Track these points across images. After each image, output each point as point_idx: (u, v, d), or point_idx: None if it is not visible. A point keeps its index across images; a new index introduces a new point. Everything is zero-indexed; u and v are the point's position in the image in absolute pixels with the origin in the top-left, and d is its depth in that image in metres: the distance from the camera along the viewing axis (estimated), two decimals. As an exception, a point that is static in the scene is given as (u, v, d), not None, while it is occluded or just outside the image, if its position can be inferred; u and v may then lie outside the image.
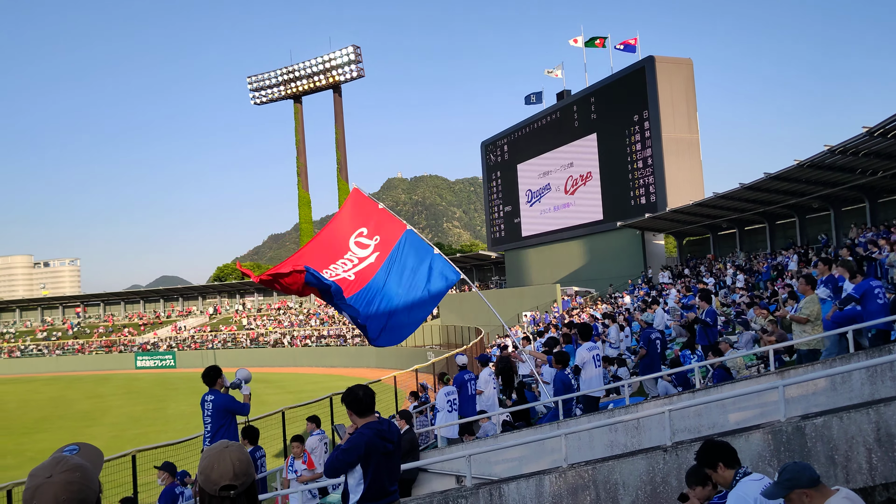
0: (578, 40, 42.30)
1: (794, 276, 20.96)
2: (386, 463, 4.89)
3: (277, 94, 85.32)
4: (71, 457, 2.12)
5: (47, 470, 2.04)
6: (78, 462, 2.10)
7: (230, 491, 2.37)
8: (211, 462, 2.38)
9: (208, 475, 2.36)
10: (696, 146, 36.64)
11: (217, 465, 2.37)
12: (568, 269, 43.69)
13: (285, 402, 24.12)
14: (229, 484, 2.36)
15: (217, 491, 2.35)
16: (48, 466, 2.05)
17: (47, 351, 69.95)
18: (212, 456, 2.40)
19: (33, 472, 2.06)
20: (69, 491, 2.01)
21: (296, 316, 67.61)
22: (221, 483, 2.36)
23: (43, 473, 2.03)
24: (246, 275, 11.18)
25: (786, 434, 6.07)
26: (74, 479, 2.04)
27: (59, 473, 2.03)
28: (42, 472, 2.04)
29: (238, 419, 8.88)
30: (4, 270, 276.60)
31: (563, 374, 10.73)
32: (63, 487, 2.01)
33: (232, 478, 2.36)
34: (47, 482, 2.01)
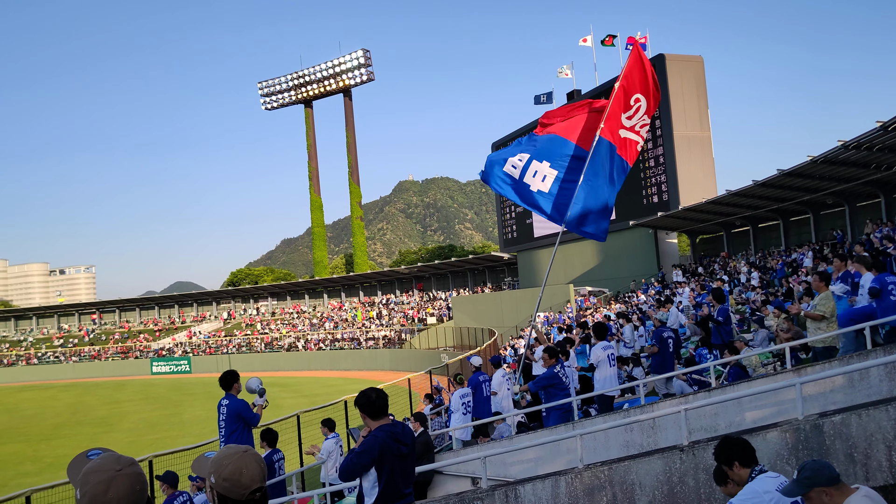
0: (588, 40, 42.22)
1: (809, 272, 20.82)
2: (400, 465, 4.88)
3: (288, 98, 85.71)
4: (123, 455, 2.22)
5: (112, 464, 2.11)
6: (132, 459, 2.19)
7: (258, 493, 2.37)
8: (238, 467, 2.34)
9: (237, 480, 2.33)
10: (708, 143, 36.45)
11: (245, 469, 2.35)
12: (581, 268, 43.58)
13: (300, 405, 24.18)
14: (260, 486, 2.37)
15: (246, 495, 2.34)
16: (111, 461, 2.13)
17: (64, 358, 70.47)
18: (236, 460, 2.36)
19: (96, 468, 2.11)
20: (140, 482, 2.11)
21: (309, 320, 67.80)
22: (253, 487, 2.35)
23: (111, 467, 2.10)
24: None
25: (804, 432, 6.02)
26: (139, 472, 2.15)
27: (126, 467, 2.12)
28: (107, 466, 2.10)
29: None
30: (21, 278, 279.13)
31: (551, 370, 10.59)
32: (136, 478, 2.11)
33: (260, 480, 2.37)
34: (120, 474, 2.08)
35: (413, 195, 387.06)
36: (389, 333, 57.33)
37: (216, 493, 2.36)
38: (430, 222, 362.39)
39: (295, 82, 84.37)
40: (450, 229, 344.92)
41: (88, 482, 2.06)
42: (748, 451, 4.31)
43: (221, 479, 2.34)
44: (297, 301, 75.47)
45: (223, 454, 2.40)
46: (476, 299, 52.98)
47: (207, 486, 2.40)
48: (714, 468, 4.66)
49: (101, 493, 2.04)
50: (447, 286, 64.83)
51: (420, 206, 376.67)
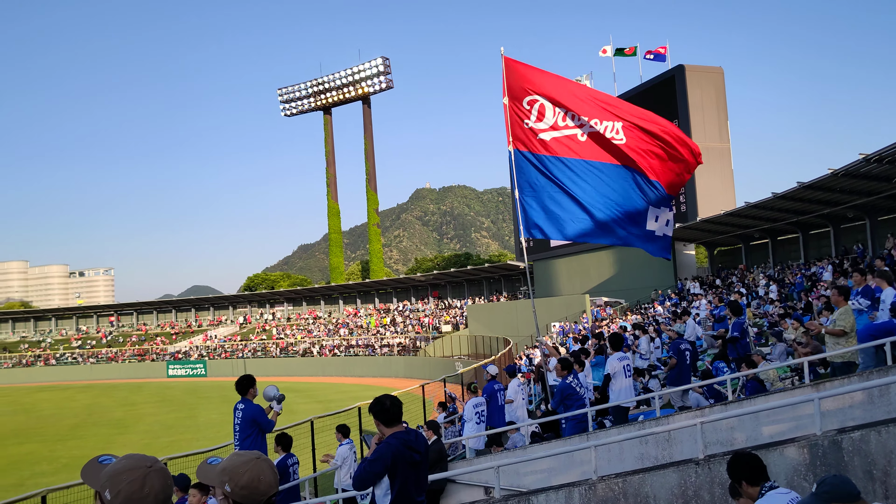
0: (608, 50, 42.17)
1: (828, 286, 20.60)
2: (413, 473, 4.88)
3: (307, 105, 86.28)
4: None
5: (143, 462, 2.17)
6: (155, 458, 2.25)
7: (273, 498, 2.42)
8: (255, 474, 2.38)
9: (256, 487, 2.36)
10: (727, 155, 36.26)
11: (262, 475, 2.38)
12: (597, 279, 43.43)
13: (314, 411, 24.23)
14: (275, 492, 2.42)
15: (263, 501, 2.38)
16: (139, 460, 2.18)
17: (82, 359, 71.08)
18: (252, 468, 2.39)
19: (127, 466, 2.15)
20: (169, 477, 2.18)
21: (325, 325, 67.97)
22: (270, 493, 2.40)
23: (142, 464, 2.15)
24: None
25: (822, 448, 5.95)
26: (166, 468, 2.21)
27: (154, 464, 2.18)
28: (139, 464, 2.15)
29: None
30: (41, 280, 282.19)
31: (564, 381, 10.54)
32: (166, 474, 2.18)
33: (276, 486, 2.42)
34: (151, 471, 2.14)
35: (430, 203, 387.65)
36: (404, 341, 57.36)
37: (232, 502, 2.38)
38: (446, 230, 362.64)
39: (314, 89, 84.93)
40: (466, 237, 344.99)
41: (122, 480, 2.10)
42: (755, 470, 4.26)
43: (239, 488, 2.36)
44: (312, 307, 75.70)
45: (237, 462, 2.42)
46: (491, 308, 52.91)
47: (220, 494, 2.40)
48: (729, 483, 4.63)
49: (138, 489, 2.09)
50: (463, 294, 64.80)
51: (437, 213, 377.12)
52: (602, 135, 9.58)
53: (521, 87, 9.90)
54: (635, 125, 9.53)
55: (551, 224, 9.79)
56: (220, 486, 2.40)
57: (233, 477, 2.37)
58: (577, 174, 9.70)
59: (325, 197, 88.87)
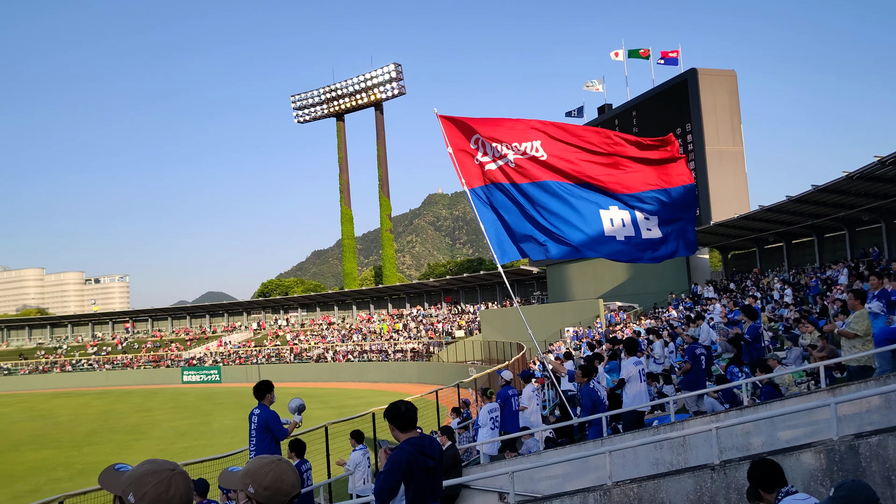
0: (619, 54, 42.13)
1: (844, 290, 20.44)
2: (427, 479, 4.87)
3: (320, 112, 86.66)
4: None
5: (165, 465, 2.22)
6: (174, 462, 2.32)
7: (295, 499, 2.48)
8: (278, 475, 2.43)
9: (279, 487, 2.42)
10: (740, 158, 36.09)
11: (285, 476, 2.44)
12: (611, 283, 43.29)
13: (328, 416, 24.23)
14: (297, 493, 2.48)
15: (286, 502, 2.44)
16: (161, 464, 2.23)
17: (97, 365, 71.55)
18: (274, 469, 2.45)
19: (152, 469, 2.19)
20: (191, 481, 2.23)
21: (338, 331, 68.11)
22: (293, 493, 2.45)
23: (166, 468, 2.20)
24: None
25: (839, 453, 5.91)
26: (186, 473, 2.25)
27: (178, 467, 2.23)
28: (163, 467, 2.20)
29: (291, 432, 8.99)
30: (57, 287, 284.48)
31: (588, 387, 10.51)
32: (188, 478, 2.23)
33: (298, 487, 2.48)
34: (175, 474, 2.20)
35: (442, 208, 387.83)
36: (417, 346, 57.36)
37: (256, 503, 2.43)
38: (459, 235, 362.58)
39: (327, 96, 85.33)
40: (479, 242, 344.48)
41: (147, 483, 2.15)
42: (770, 477, 4.23)
43: (263, 489, 2.41)
44: (326, 312, 75.88)
45: (258, 464, 2.48)
46: (504, 313, 52.84)
47: (243, 497, 2.45)
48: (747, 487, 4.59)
49: (164, 491, 2.14)
50: (476, 299, 64.77)
51: (449, 219, 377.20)
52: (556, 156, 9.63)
53: (464, 134, 9.88)
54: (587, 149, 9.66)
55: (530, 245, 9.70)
56: (243, 489, 2.45)
57: (256, 479, 2.43)
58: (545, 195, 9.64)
59: (339, 203, 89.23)
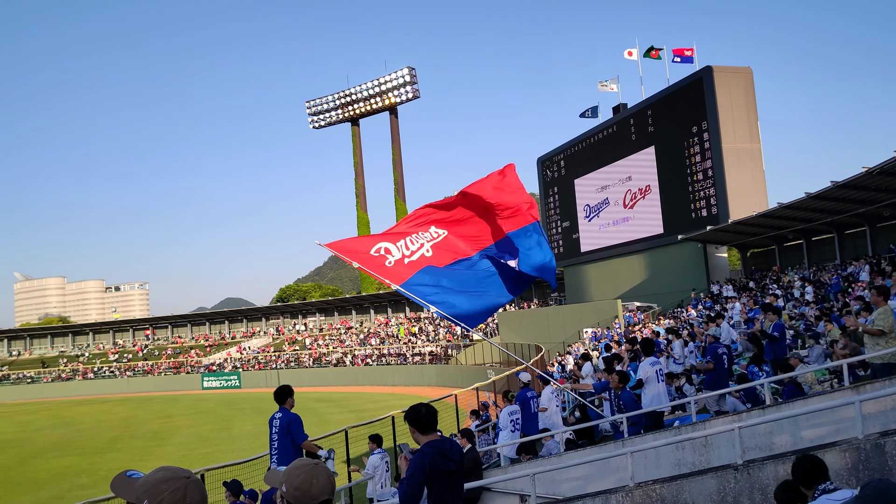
0: (633, 53, 41.97)
1: (866, 287, 20.20)
2: (449, 482, 4.86)
3: (335, 117, 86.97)
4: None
5: (181, 472, 2.25)
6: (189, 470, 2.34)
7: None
8: (309, 477, 2.46)
9: (307, 490, 2.44)
10: (758, 155, 35.79)
11: (315, 480, 2.46)
12: (629, 284, 43.07)
13: (348, 420, 24.34)
14: (328, 498, 2.49)
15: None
16: (177, 471, 2.25)
17: (118, 372, 72.16)
18: (307, 471, 2.48)
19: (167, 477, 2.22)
20: (204, 489, 2.25)
21: (357, 335, 68.25)
22: (322, 498, 2.47)
23: (181, 475, 2.23)
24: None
25: (864, 452, 5.84)
26: (200, 481, 2.27)
27: (192, 475, 2.26)
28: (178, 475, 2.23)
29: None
30: (78, 295, 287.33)
31: (627, 392, 10.50)
32: (202, 485, 2.25)
33: (329, 492, 2.49)
34: (190, 482, 2.22)
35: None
36: (436, 349, 57.36)
37: (286, 502, 2.47)
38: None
39: (342, 101, 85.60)
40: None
41: (163, 490, 2.16)
42: (807, 473, 4.18)
43: (293, 489, 2.45)
44: (344, 317, 76.07)
45: (296, 465, 2.53)
46: (522, 315, 52.73)
47: (278, 496, 2.50)
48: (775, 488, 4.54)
49: (180, 499, 2.16)
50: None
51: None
52: (447, 238, 9.94)
53: (360, 248, 10.08)
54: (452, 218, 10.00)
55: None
56: (278, 487, 2.51)
57: (289, 479, 2.47)
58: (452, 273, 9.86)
59: (355, 207, 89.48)
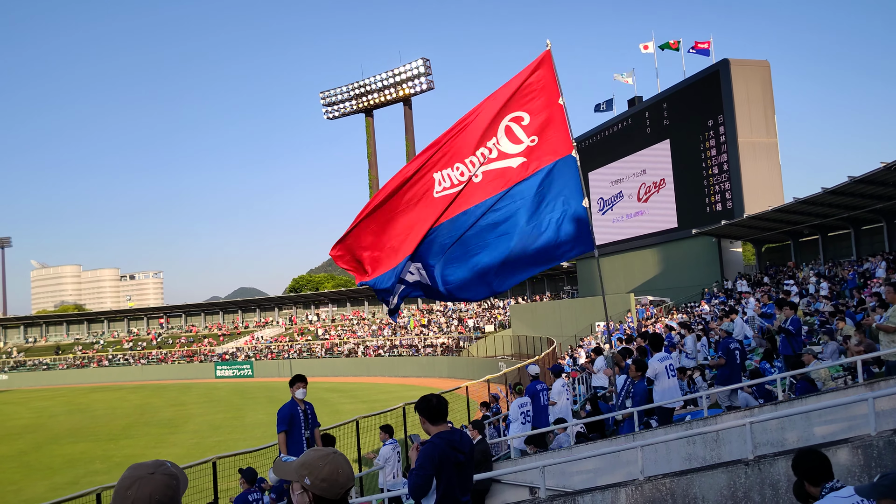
0: (650, 46, 41.66)
1: (882, 283, 20.02)
2: (458, 474, 4.87)
3: (349, 108, 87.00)
4: (172, 464, 2.29)
5: (150, 468, 2.20)
6: (176, 472, 2.27)
7: (350, 491, 2.48)
8: (335, 467, 2.43)
9: (335, 480, 2.41)
10: (774, 150, 35.50)
11: (341, 469, 2.44)
12: (642, 278, 42.91)
13: (359, 411, 24.40)
14: (352, 485, 2.48)
15: (342, 494, 2.44)
16: (151, 465, 2.22)
17: (133, 360, 72.78)
18: (331, 461, 2.44)
19: (136, 465, 2.22)
20: (164, 492, 2.17)
21: (369, 326, 68.44)
22: (348, 486, 2.45)
23: (146, 470, 2.19)
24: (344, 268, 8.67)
25: (877, 449, 5.79)
26: (171, 483, 2.20)
27: (160, 474, 2.19)
28: (145, 468, 2.20)
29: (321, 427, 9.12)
30: (94, 283, 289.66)
31: (642, 383, 10.44)
32: (161, 486, 2.17)
33: (352, 480, 2.47)
34: (149, 477, 2.17)
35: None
36: (447, 341, 57.44)
37: (312, 494, 2.42)
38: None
39: (356, 92, 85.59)
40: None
41: (126, 476, 2.17)
42: (815, 470, 4.14)
43: (319, 480, 2.41)
44: (356, 307, 76.29)
45: (315, 456, 2.47)
46: (535, 308, 52.69)
47: (298, 488, 2.44)
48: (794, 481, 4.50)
49: (123, 489, 2.14)
50: (505, 294, 64.64)
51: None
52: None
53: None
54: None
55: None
56: (299, 481, 2.45)
57: (312, 471, 2.42)
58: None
59: (368, 198, 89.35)
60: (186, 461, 12.93)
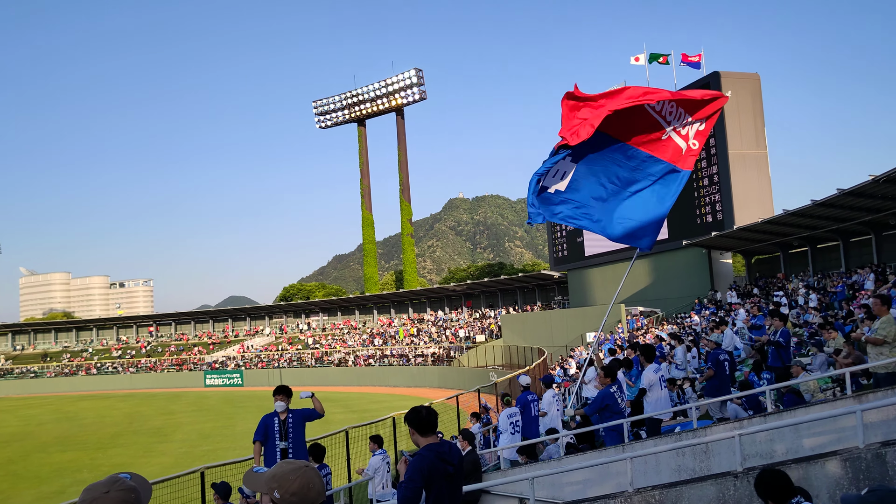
0: (640, 58, 41.87)
1: (870, 295, 20.14)
2: (448, 485, 4.86)
3: (342, 117, 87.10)
4: (128, 479, 2.26)
5: (105, 486, 2.18)
6: (133, 486, 2.23)
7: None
8: (305, 481, 2.38)
9: (306, 494, 2.37)
10: (764, 162, 35.75)
11: (312, 483, 2.39)
12: (633, 288, 43.01)
13: (349, 420, 24.31)
14: (323, 500, 2.43)
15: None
16: (106, 483, 2.19)
17: (122, 368, 72.34)
18: (301, 475, 2.39)
19: (90, 486, 2.20)
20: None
21: (359, 335, 68.29)
22: (318, 501, 2.40)
23: (100, 489, 2.17)
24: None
25: (865, 461, 5.82)
26: (129, 498, 2.18)
27: (115, 491, 2.16)
28: (100, 487, 2.18)
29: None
30: (83, 291, 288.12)
31: (607, 389, 10.39)
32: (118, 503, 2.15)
33: (324, 494, 2.43)
34: (104, 496, 2.14)
35: (463, 212, 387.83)
36: (438, 351, 57.37)
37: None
38: (479, 240, 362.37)
39: (348, 101, 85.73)
40: (499, 247, 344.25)
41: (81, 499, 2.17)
42: (778, 490, 4.16)
43: (289, 494, 2.36)
44: (347, 317, 76.13)
45: (286, 469, 2.42)
46: (525, 318, 52.71)
47: (268, 501, 2.40)
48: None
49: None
50: (496, 304, 64.66)
51: (470, 223, 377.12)
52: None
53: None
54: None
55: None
56: (268, 493, 2.39)
57: (282, 484, 2.36)
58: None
59: (360, 208, 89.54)
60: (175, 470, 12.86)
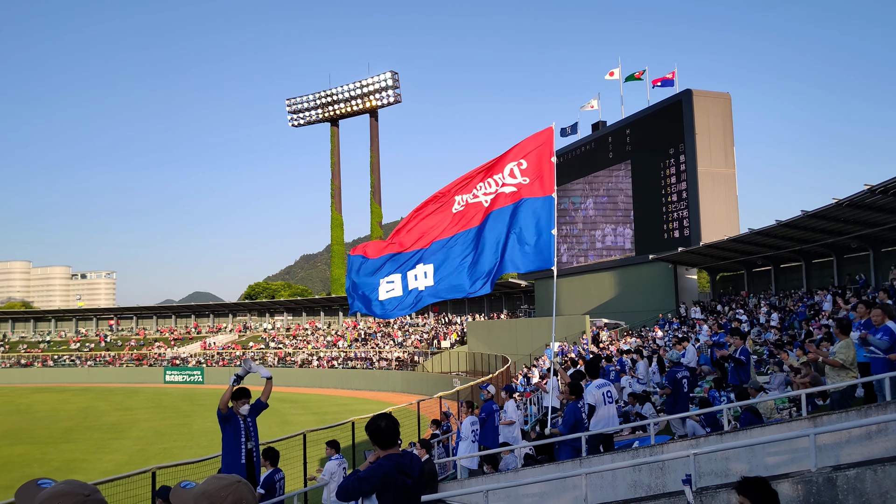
0: (615, 73, 42.25)
1: (829, 316, 20.49)
2: (405, 498, 4.80)
3: (315, 116, 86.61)
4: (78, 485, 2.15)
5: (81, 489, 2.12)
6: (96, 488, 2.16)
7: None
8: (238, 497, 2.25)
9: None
10: (732, 181, 36.22)
11: (244, 500, 2.26)
12: (598, 300, 43.29)
13: (309, 423, 24.14)
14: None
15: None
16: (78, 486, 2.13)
17: (80, 361, 70.94)
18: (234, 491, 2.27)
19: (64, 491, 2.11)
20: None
21: (324, 337, 67.81)
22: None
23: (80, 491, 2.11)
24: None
25: (816, 485, 5.86)
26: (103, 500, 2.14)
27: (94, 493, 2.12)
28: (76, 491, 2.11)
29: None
30: (43, 280, 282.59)
31: (574, 404, 10.38)
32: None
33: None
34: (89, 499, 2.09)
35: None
36: (402, 355, 57.18)
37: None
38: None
39: (322, 101, 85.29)
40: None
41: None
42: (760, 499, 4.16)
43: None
44: (312, 317, 75.56)
45: (217, 485, 2.29)
46: (491, 325, 52.77)
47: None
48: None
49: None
50: (463, 310, 64.65)
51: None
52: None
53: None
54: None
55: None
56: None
57: (214, 501, 2.23)
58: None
59: (329, 208, 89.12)
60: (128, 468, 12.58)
